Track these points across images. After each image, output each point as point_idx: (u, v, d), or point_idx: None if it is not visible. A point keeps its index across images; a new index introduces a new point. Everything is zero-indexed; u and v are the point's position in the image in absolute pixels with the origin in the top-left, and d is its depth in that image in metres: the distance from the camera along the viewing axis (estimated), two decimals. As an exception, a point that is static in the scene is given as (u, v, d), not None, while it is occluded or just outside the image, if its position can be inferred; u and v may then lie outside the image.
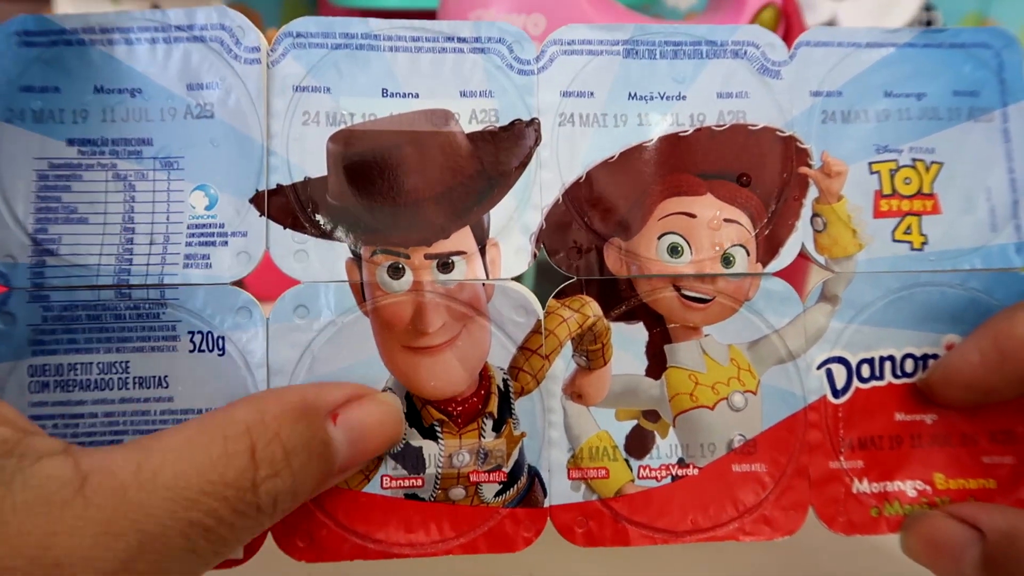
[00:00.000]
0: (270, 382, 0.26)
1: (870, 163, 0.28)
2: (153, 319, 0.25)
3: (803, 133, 0.28)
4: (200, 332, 0.26)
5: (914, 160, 0.29)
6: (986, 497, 0.28)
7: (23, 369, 0.25)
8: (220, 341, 0.26)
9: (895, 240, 0.28)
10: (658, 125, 0.28)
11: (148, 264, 0.25)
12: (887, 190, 0.28)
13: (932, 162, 0.29)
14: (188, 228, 0.26)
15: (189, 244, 0.26)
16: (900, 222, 0.28)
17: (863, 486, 0.28)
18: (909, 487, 0.28)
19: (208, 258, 0.26)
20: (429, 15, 0.42)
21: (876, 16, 0.51)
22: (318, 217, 0.26)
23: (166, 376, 0.25)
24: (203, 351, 0.26)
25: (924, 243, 0.28)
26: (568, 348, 0.27)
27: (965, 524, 0.26)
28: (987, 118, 0.29)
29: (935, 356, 0.28)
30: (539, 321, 0.27)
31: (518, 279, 0.27)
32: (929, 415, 0.28)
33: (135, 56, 0.26)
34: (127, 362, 0.25)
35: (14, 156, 0.25)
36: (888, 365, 0.28)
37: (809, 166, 0.28)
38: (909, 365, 0.28)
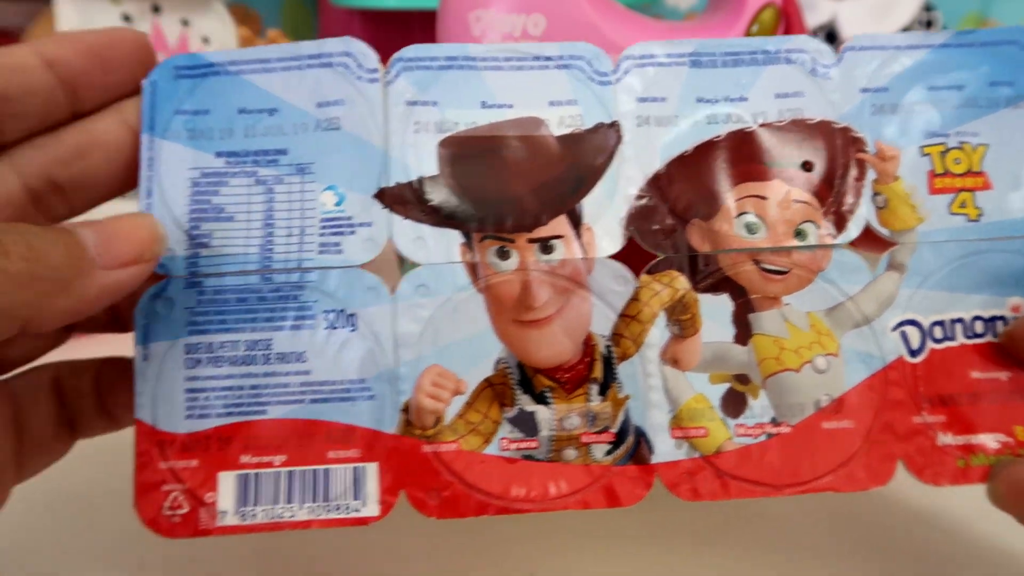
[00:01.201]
0: (398, 354, 0.29)
1: (921, 147, 0.32)
2: (292, 300, 0.29)
3: (856, 125, 0.31)
4: (334, 311, 0.29)
5: (961, 143, 0.32)
6: (1067, 445, 0.30)
7: (180, 347, 0.28)
8: (352, 318, 0.29)
9: (952, 213, 0.31)
10: (725, 123, 0.31)
11: (287, 252, 0.29)
12: (939, 169, 0.31)
13: (978, 144, 0.32)
14: (321, 222, 0.29)
15: (322, 234, 0.29)
16: (955, 197, 0.31)
17: (948, 439, 0.30)
18: (991, 440, 0.30)
19: (339, 245, 0.29)
20: (430, 15, 0.45)
21: (876, 16, 0.54)
22: (433, 208, 0.29)
23: (304, 352, 0.28)
24: (336, 328, 0.29)
25: (980, 215, 0.31)
26: (662, 318, 0.30)
27: None
28: None
29: (1002, 318, 0.31)
30: (637, 289, 0.29)
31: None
32: (1004, 372, 0.30)
33: (273, 82, 0.30)
34: (270, 340, 0.28)
35: (172, 167, 0.29)
36: (959, 327, 0.31)
37: (865, 152, 0.31)
38: (979, 326, 0.31)
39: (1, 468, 0.28)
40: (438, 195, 0.30)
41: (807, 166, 0.31)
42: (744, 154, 0.31)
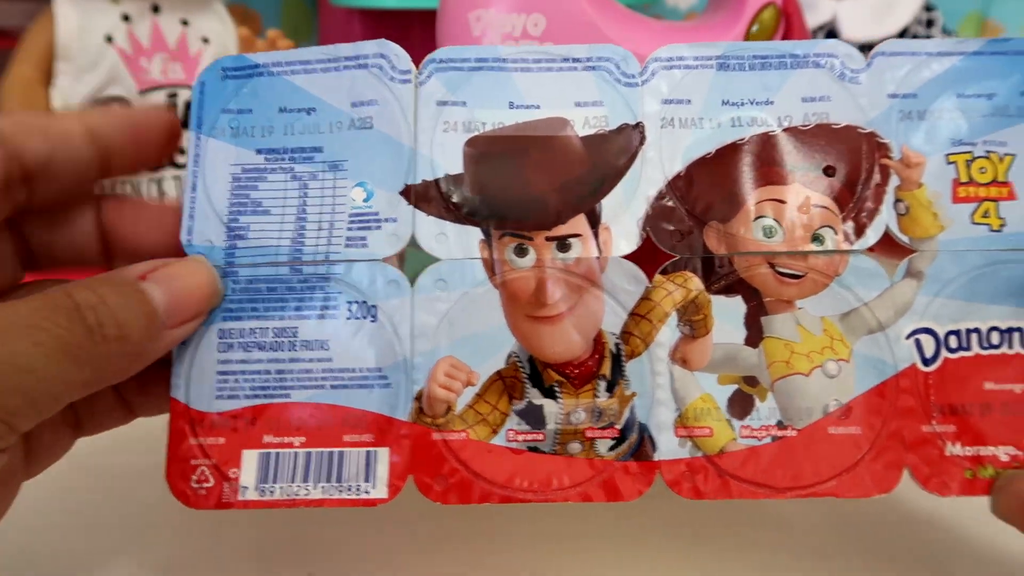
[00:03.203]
0: (414, 345, 0.30)
1: (947, 155, 0.31)
2: (319, 291, 0.30)
3: (882, 131, 0.32)
4: (356, 302, 0.30)
5: (988, 152, 0.31)
6: (1079, 461, 0.30)
7: (214, 332, 0.30)
8: (373, 310, 0.30)
9: (974, 223, 0.31)
10: (749, 127, 0.32)
11: (317, 245, 0.31)
12: (964, 178, 0.31)
13: (1005, 154, 0.31)
14: (349, 216, 0.31)
15: (350, 229, 0.31)
16: (978, 206, 0.31)
17: (956, 449, 0.30)
18: (1001, 452, 0.30)
19: (365, 239, 0.31)
20: (430, 15, 0.45)
21: (877, 16, 0.53)
22: (456, 206, 0.31)
23: (327, 340, 0.30)
24: (358, 318, 0.30)
25: (1002, 225, 0.31)
26: (673, 318, 0.31)
27: None
28: (1056, 115, 0.32)
29: (1019, 329, 0.30)
30: (648, 288, 0.30)
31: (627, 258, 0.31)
32: (1018, 385, 0.30)
33: (312, 82, 0.32)
34: (296, 327, 0.30)
35: (215, 163, 0.31)
36: (975, 337, 0.31)
37: (889, 158, 0.31)
38: (995, 337, 0.31)
39: (12, 471, 0.29)
40: (460, 193, 0.31)
41: (829, 171, 0.31)
42: (766, 158, 0.31)
